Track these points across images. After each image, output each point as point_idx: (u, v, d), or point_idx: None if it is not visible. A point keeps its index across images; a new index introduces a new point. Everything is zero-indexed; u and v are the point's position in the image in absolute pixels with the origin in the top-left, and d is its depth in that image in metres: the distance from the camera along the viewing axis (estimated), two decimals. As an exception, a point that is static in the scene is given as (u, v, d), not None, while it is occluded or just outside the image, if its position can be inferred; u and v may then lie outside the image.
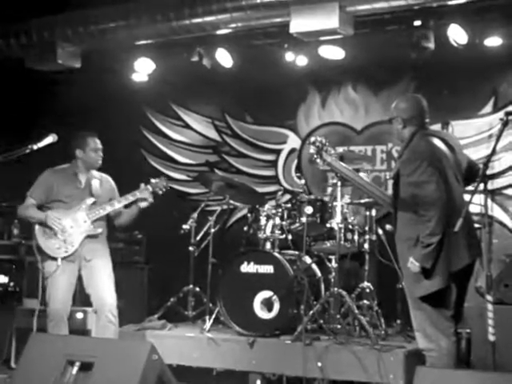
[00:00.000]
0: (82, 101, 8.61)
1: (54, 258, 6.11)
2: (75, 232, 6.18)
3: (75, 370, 4.63)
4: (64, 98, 8.72)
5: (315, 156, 5.49)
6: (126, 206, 6.42)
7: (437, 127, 6.87)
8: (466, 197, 4.83)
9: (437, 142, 5.04)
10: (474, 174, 5.09)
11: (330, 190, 7.48)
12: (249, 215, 7.25)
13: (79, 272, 6.21)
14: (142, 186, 6.33)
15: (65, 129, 6.16)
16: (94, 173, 6.45)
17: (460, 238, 4.76)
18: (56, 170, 6.45)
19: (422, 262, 4.80)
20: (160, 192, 6.37)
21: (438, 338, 4.89)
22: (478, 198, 4.91)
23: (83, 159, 6.37)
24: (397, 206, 5.06)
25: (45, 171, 6.43)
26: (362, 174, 5.70)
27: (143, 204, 6.32)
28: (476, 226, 5.15)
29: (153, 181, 6.37)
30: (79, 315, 6.82)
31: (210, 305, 6.97)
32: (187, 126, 9.25)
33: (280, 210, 7.02)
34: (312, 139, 5.49)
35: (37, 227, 6.20)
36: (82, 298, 6.32)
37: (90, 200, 6.28)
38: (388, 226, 5.95)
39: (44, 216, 6.17)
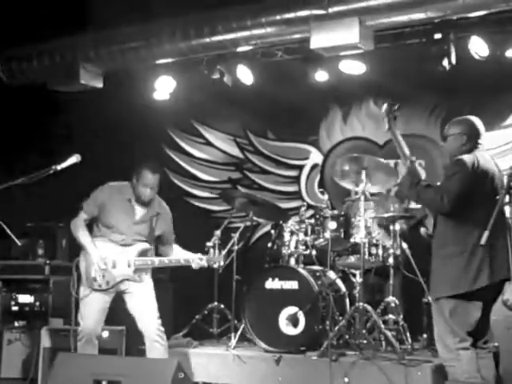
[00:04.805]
0: (104, 120, 8.66)
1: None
2: (116, 273, 6.06)
3: (102, 389, 4.65)
4: (86, 118, 8.78)
5: (384, 114, 5.40)
6: None
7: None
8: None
9: (487, 158, 5.13)
10: None
11: (346, 205, 7.44)
12: (272, 231, 7.26)
13: (122, 294, 6.17)
14: (199, 257, 6.18)
15: (88, 149, 6.19)
16: (155, 203, 6.23)
17: (484, 257, 4.78)
18: (113, 187, 6.23)
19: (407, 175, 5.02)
20: (215, 266, 6.33)
21: (456, 348, 4.87)
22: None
23: (134, 188, 6.15)
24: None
25: (104, 185, 6.24)
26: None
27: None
28: None
29: (211, 254, 6.22)
30: (105, 334, 6.82)
31: (235, 322, 6.96)
32: (209, 144, 9.27)
33: (304, 225, 7.01)
34: (390, 100, 5.43)
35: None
36: (108, 316, 6.30)
37: (143, 247, 6.13)
38: (423, 230, 5.93)
39: (92, 252, 6.04)
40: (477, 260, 4.81)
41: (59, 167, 5.66)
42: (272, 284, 6.77)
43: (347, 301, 6.91)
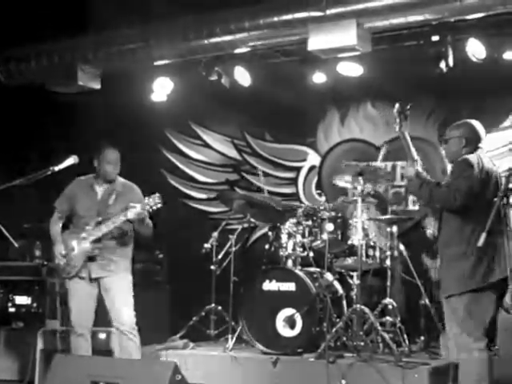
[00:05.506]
0: (101, 122, 8.65)
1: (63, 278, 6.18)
2: (77, 254, 6.08)
3: (99, 390, 4.64)
4: (84, 120, 8.78)
5: (396, 115, 5.38)
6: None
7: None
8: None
9: (487, 159, 5.15)
10: None
11: (337, 203, 7.43)
12: (270, 233, 7.25)
13: (99, 289, 6.17)
14: (131, 205, 5.98)
15: (85, 150, 6.19)
16: (117, 183, 6.30)
17: (488, 254, 4.79)
18: (80, 179, 6.37)
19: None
20: (150, 210, 5.98)
21: (471, 348, 4.86)
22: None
23: (98, 170, 6.24)
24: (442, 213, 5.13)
25: (72, 181, 6.37)
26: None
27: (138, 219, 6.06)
28: None
29: (145, 199, 6.00)
30: (102, 335, 6.82)
31: (233, 323, 6.96)
32: (207, 145, 9.27)
33: (301, 227, 7.01)
34: (402, 100, 5.42)
35: None
36: (104, 318, 6.30)
37: (95, 220, 6.13)
38: (429, 231, 5.93)
39: (55, 243, 6.19)
40: (484, 258, 4.83)
41: (56, 168, 5.67)
42: (269, 286, 6.77)
43: (344, 303, 6.91)
